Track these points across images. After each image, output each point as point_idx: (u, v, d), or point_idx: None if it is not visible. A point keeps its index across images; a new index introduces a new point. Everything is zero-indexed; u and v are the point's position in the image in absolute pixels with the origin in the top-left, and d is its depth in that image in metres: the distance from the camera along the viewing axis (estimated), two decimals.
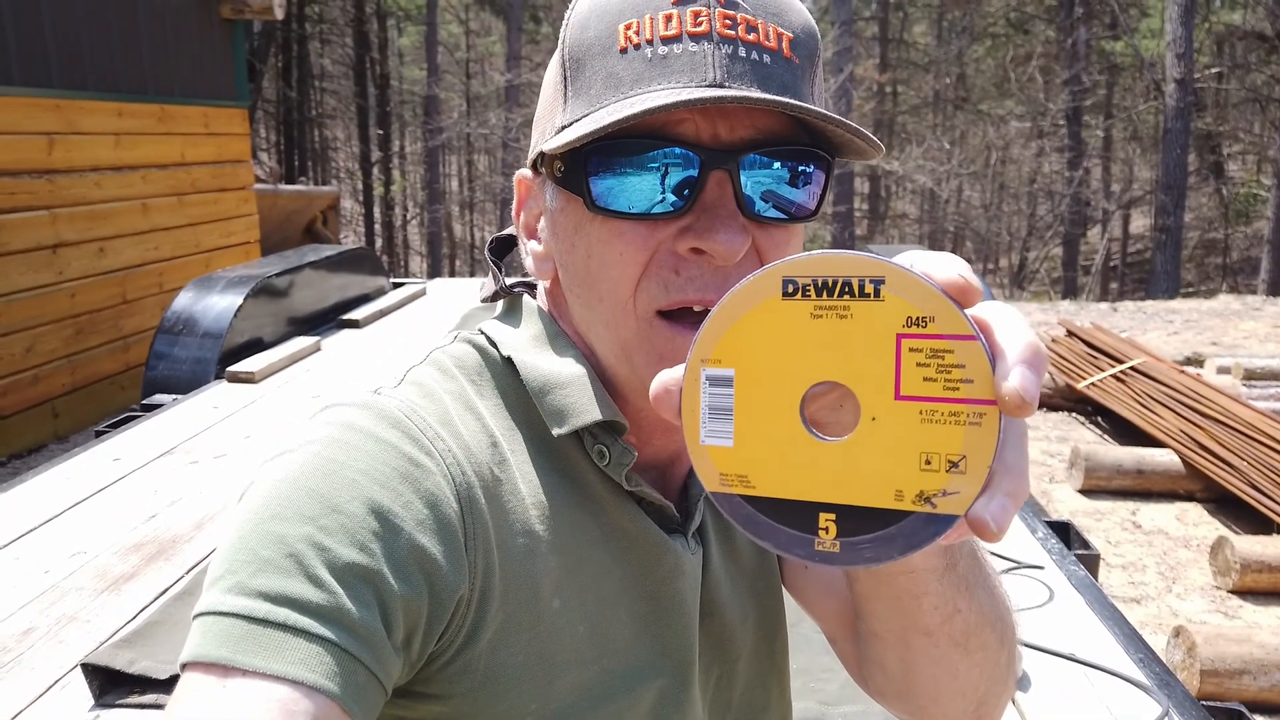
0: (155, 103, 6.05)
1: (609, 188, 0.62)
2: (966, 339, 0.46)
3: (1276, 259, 16.86)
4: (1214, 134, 21.10)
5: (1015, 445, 0.47)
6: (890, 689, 0.77)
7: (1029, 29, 22.23)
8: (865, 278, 0.47)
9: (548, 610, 0.64)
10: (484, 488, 0.63)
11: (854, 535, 0.49)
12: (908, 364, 0.46)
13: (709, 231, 0.61)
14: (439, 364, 0.70)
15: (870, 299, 0.47)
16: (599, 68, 0.63)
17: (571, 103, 0.64)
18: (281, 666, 0.52)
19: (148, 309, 5.86)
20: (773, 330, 0.49)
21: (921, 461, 0.47)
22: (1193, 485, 4.98)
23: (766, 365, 0.50)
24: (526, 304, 0.74)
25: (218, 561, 0.57)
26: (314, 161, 20.80)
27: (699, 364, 0.51)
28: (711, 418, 0.51)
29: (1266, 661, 3.14)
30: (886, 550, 0.48)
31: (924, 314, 0.46)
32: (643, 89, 0.61)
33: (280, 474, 0.59)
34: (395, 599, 0.56)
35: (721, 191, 0.62)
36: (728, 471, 0.51)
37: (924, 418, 0.46)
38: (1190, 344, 8.26)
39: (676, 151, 0.61)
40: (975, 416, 0.45)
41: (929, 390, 0.46)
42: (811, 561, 0.50)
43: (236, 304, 4.14)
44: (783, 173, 0.64)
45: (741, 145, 0.62)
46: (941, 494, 0.46)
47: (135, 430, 3.33)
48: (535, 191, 0.71)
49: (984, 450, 0.46)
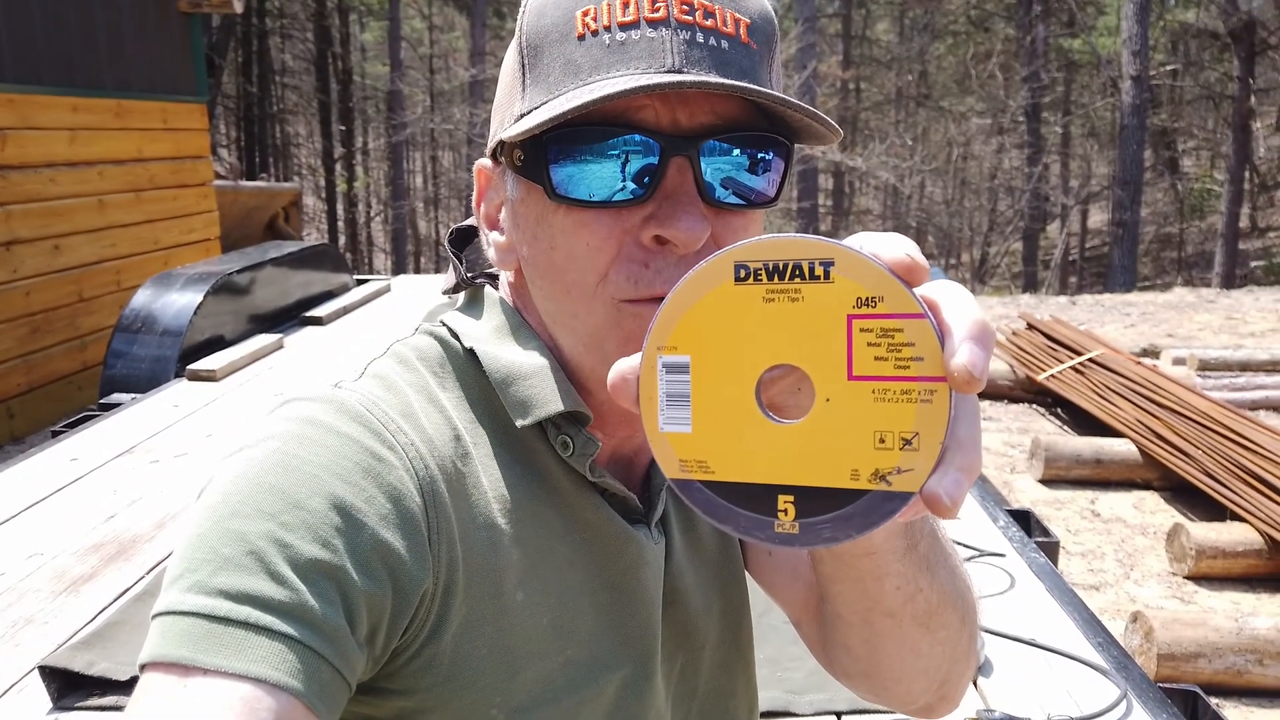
0: (112, 97, 5.94)
1: (569, 176, 0.62)
2: (915, 317, 0.46)
3: (1230, 253, 17.22)
4: (1169, 130, 21.49)
5: (967, 421, 0.48)
6: (855, 669, 0.78)
7: (989, 27, 22.49)
8: (815, 260, 0.48)
9: (511, 603, 0.64)
10: (447, 481, 0.63)
11: (812, 516, 0.49)
12: (859, 344, 0.47)
13: (670, 218, 0.61)
14: (400, 356, 0.69)
15: (820, 281, 0.48)
16: (557, 55, 0.63)
17: (530, 90, 0.64)
18: (244, 665, 0.51)
19: (105, 307, 5.76)
20: (726, 316, 0.50)
21: (875, 440, 0.47)
22: (1149, 474, 5.08)
23: (721, 351, 0.50)
24: (488, 295, 0.73)
25: (176, 560, 0.56)
26: (275, 158, 20.54)
27: (655, 351, 0.51)
28: (669, 405, 0.51)
29: (1221, 645, 3.21)
30: (844, 529, 0.49)
31: (873, 294, 0.47)
32: (601, 75, 0.61)
33: (239, 470, 0.58)
34: (359, 594, 0.56)
35: (682, 178, 0.62)
36: (687, 458, 0.51)
37: (876, 397, 0.47)
38: (1146, 336, 8.42)
39: (636, 138, 0.61)
40: (926, 394, 0.46)
41: (880, 369, 0.47)
42: (772, 544, 0.50)
43: (197, 301, 4.09)
44: (742, 159, 0.64)
45: (701, 131, 0.62)
46: (896, 471, 0.47)
47: (93, 430, 3.28)
48: (495, 181, 0.70)
49: (936, 426, 0.46)
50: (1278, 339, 8.28)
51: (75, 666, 1.77)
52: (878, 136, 20.97)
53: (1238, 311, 9.48)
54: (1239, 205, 18.05)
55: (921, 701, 0.78)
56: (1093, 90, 22.15)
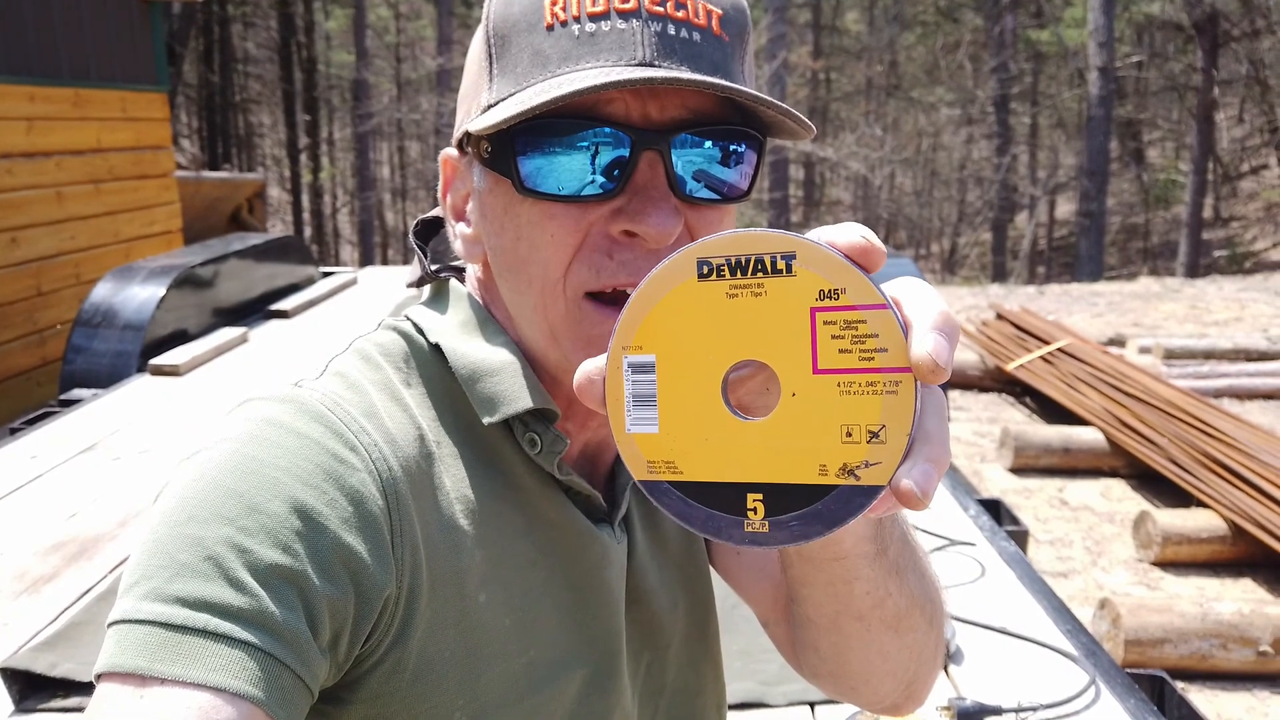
0: (70, 86, 5.82)
1: (538, 168, 0.61)
2: (878, 308, 0.46)
3: (1194, 242, 17.48)
4: (1134, 121, 21.77)
5: (934, 413, 0.47)
6: (823, 670, 0.77)
7: (958, 17, 22.64)
8: (777, 254, 0.47)
9: (474, 605, 0.63)
10: (410, 482, 0.61)
11: (781, 514, 0.48)
12: (823, 337, 0.47)
13: (641, 214, 0.60)
14: (363, 353, 0.68)
15: (783, 275, 0.47)
16: (525, 45, 0.61)
17: (497, 81, 0.63)
18: (201, 674, 0.50)
19: (64, 301, 5.64)
20: (690, 313, 0.49)
21: (843, 434, 0.47)
22: (1116, 462, 5.14)
23: (686, 349, 0.49)
24: (454, 289, 0.72)
25: (132, 567, 0.54)
26: (239, 148, 20.26)
27: (620, 351, 0.51)
28: (635, 405, 0.51)
29: (1186, 630, 3.26)
30: (814, 526, 0.48)
31: (835, 286, 0.46)
32: (570, 67, 0.59)
33: (196, 474, 0.56)
34: (320, 600, 0.55)
35: (653, 172, 0.61)
36: (655, 459, 0.51)
37: (842, 390, 0.46)
38: (1113, 325, 8.53)
39: (606, 132, 0.60)
40: (891, 385, 0.46)
41: (845, 362, 0.46)
42: (743, 545, 0.50)
43: (159, 295, 4.01)
44: (714, 152, 0.63)
45: (672, 125, 0.61)
46: (864, 465, 0.46)
47: (53, 426, 3.21)
48: (462, 172, 0.69)
49: (902, 418, 0.46)
50: (1240, 328, 8.42)
51: (37, 668, 1.75)
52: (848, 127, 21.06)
53: (1202, 301, 9.63)
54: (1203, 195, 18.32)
55: (889, 701, 0.78)
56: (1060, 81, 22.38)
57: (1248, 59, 19.32)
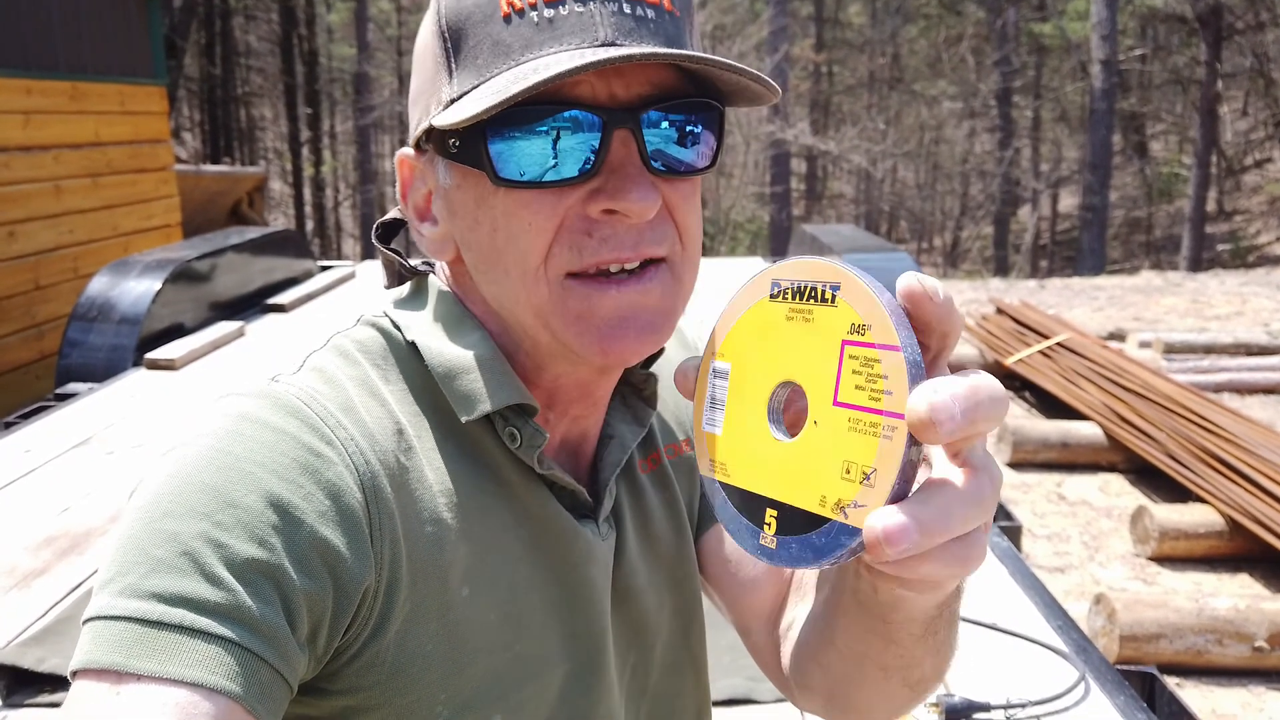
0: (67, 80, 5.81)
1: (510, 158, 0.61)
2: (891, 349, 0.46)
3: (1197, 236, 17.44)
4: (1138, 114, 21.70)
5: (965, 494, 0.45)
6: (820, 688, 0.76)
7: (960, 10, 22.56)
8: (826, 283, 0.49)
9: (457, 599, 0.63)
10: (389, 476, 0.61)
11: (787, 534, 0.50)
12: (846, 370, 0.48)
13: (621, 192, 0.60)
14: (340, 349, 0.68)
15: (828, 304, 0.49)
16: (483, 36, 0.61)
17: (458, 75, 0.62)
18: (178, 669, 0.50)
19: (62, 295, 5.64)
20: (759, 330, 0.53)
21: (843, 470, 0.47)
22: (1115, 457, 5.13)
23: (750, 363, 0.54)
24: (432, 284, 0.72)
25: (107, 563, 0.54)
26: (240, 141, 20.24)
27: (710, 355, 0.56)
28: (710, 407, 0.56)
29: (1181, 625, 3.25)
30: (806, 554, 0.49)
31: (863, 322, 0.47)
32: (534, 54, 0.60)
33: (172, 470, 0.56)
34: (298, 594, 0.55)
35: (627, 150, 0.61)
36: (716, 458, 0.55)
37: (850, 426, 0.47)
38: (1114, 320, 8.51)
39: (577, 115, 0.60)
40: (889, 430, 0.45)
41: (858, 398, 0.47)
42: (755, 555, 0.52)
43: (155, 288, 4.01)
44: (680, 126, 0.64)
45: (640, 102, 0.61)
46: (853, 505, 0.47)
47: (47, 420, 3.22)
48: (422, 171, 0.68)
49: (890, 465, 0.45)
50: (1241, 322, 8.40)
51: (25, 663, 1.75)
52: (850, 120, 21.00)
53: (1203, 295, 9.60)
54: (1206, 189, 18.27)
55: None
56: (1062, 74, 22.30)
57: (1252, 52, 19.25)
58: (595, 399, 0.72)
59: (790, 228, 14.19)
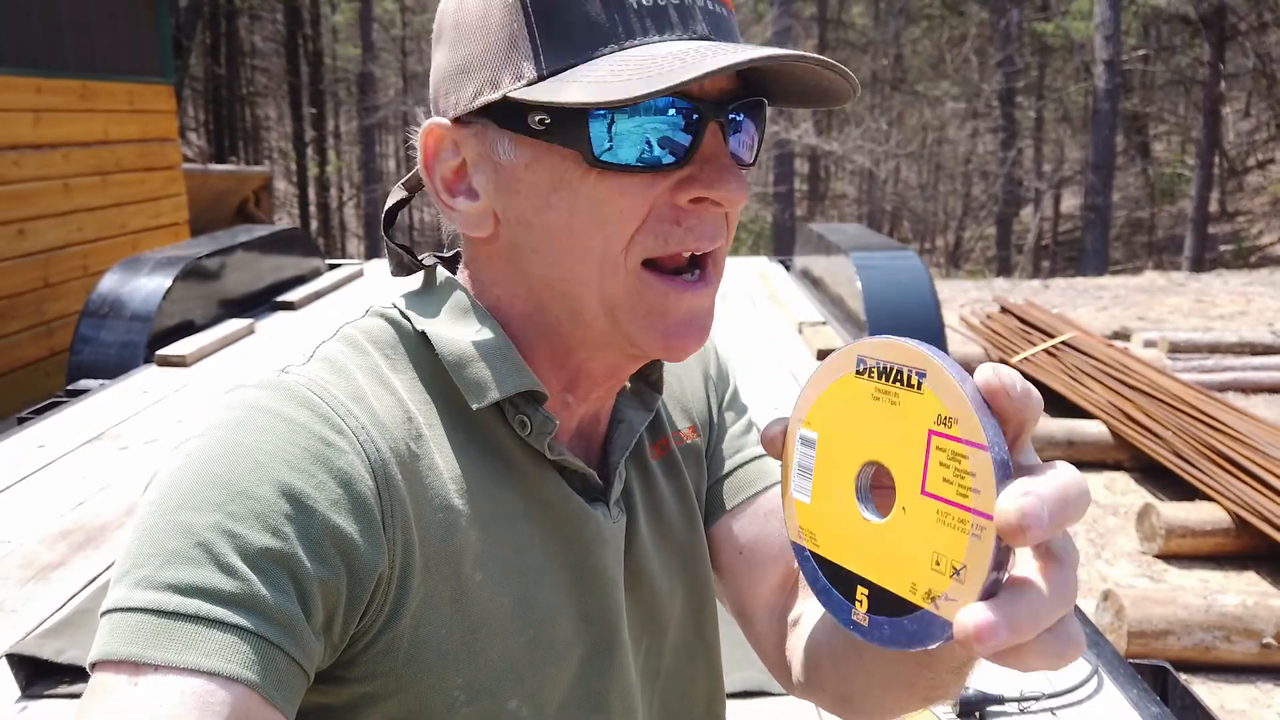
0: (77, 79, 5.83)
1: (610, 141, 0.61)
2: (979, 448, 0.46)
3: (1199, 237, 17.42)
4: (1141, 115, 21.68)
5: (1050, 588, 0.46)
6: (834, 690, 0.76)
7: (963, 11, 22.54)
8: (912, 369, 0.50)
9: (470, 584, 0.63)
10: (400, 463, 0.62)
11: (879, 614, 0.52)
12: (934, 461, 0.48)
13: (717, 181, 0.62)
14: (349, 339, 0.68)
15: (914, 390, 0.50)
16: (577, 14, 0.61)
17: (546, 51, 0.61)
18: (195, 659, 0.51)
19: (72, 292, 5.66)
20: (845, 405, 0.54)
21: (933, 561, 0.48)
22: (1120, 455, 5.14)
23: (838, 436, 0.55)
24: (441, 276, 0.72)
25: (123, 556, 0.55)
26: (245, 141, 20.27)
27: (797, 423, 0.57)
28: (799, 474, 0.57)
29: (1190, 622, 3.26)
30: (898, 638, 0.50)
31: (951, 415, 0.48)
32: (639, 40, 0.60)
33: (184, 462, 0.57)
34: (312, 582, 0.55)
35: (717, 142, 0.63)
36: (804, 526, 0.57)
37: (939, 518, 0.48)
38: (1118, 319, 8.51)
39: (682, 104, 0.61)
40: (977, 529, 0.46)
41: (946, 491, 0.48)
42: (848, 629, 0.54)
43: (165, 285, 4.03)
44: (750, 124, 0.66)
45: (726, 97, 0.64)
46: (944, 597, 0.48)
47: (60, 416, 3.23)
48: (457, 142, 0.67)
49: (980, 564, 0.46)
50: (1246, 321, 8.39)
51: (44, 654, 1.76)
52: (853, 121, 20.99)
53: (1207, 294, 9.60)
54: (1209, 190, 18.25)
55: None
56: (1066, 75, 22.29)
57: (1255, 53, 19.23)
58: (617, 383, 0.73)
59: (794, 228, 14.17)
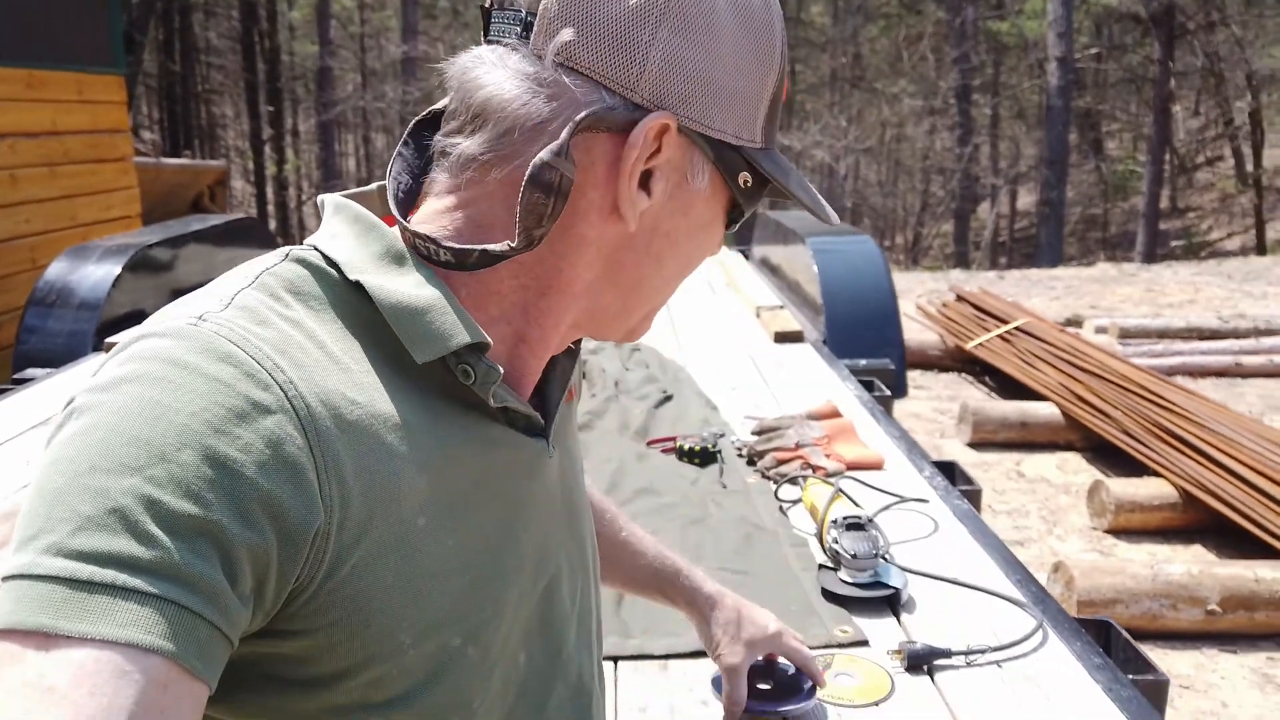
0: (22, 67, 5.71)
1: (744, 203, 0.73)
2: None
3: (1151, 232, 17.77)
4: (1093, 112, 22.08)
5: None
6: None
7: (920, 9, 22.81)
8: None
9: (414, 529, 0.62)
10: (332, 415, 0.59)
11: None
12: None
13: None
14: (269, 288, 0.63)
15: None
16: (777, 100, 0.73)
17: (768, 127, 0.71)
18: (110, 630, 0.48)
19: (20, 285, 5.54)
20: None
21: None
22: (1072, 435, 5.23)
23: None
24: (359, 215, 0.68)
25: (29, 518, 0.51)
26: (201, 139, 19.96)
27: None
28: None
29: (1137, 590, 3.33)
30: None
31: None
32: None
33: (96, 419, 0.53)
34: (239, 548, 0.53)
35: None
36: None
37: None
38: (1071, 307, 8.66)
39: None
40: None
41: None
42: None
43: (114, 273, 3.96)
44: None
45: None
46: None
47: (5, 402, 3.17)
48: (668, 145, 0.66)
49: None
50: (1195, 309, 8.58)
51: None
52: (813, 118, 21.16)
53: (1157, 284, 9.80)
54: (1160, 186, 18.64)
55: None
56: (1020, 72, 22.63)
57: (1204, 52, 19.65)
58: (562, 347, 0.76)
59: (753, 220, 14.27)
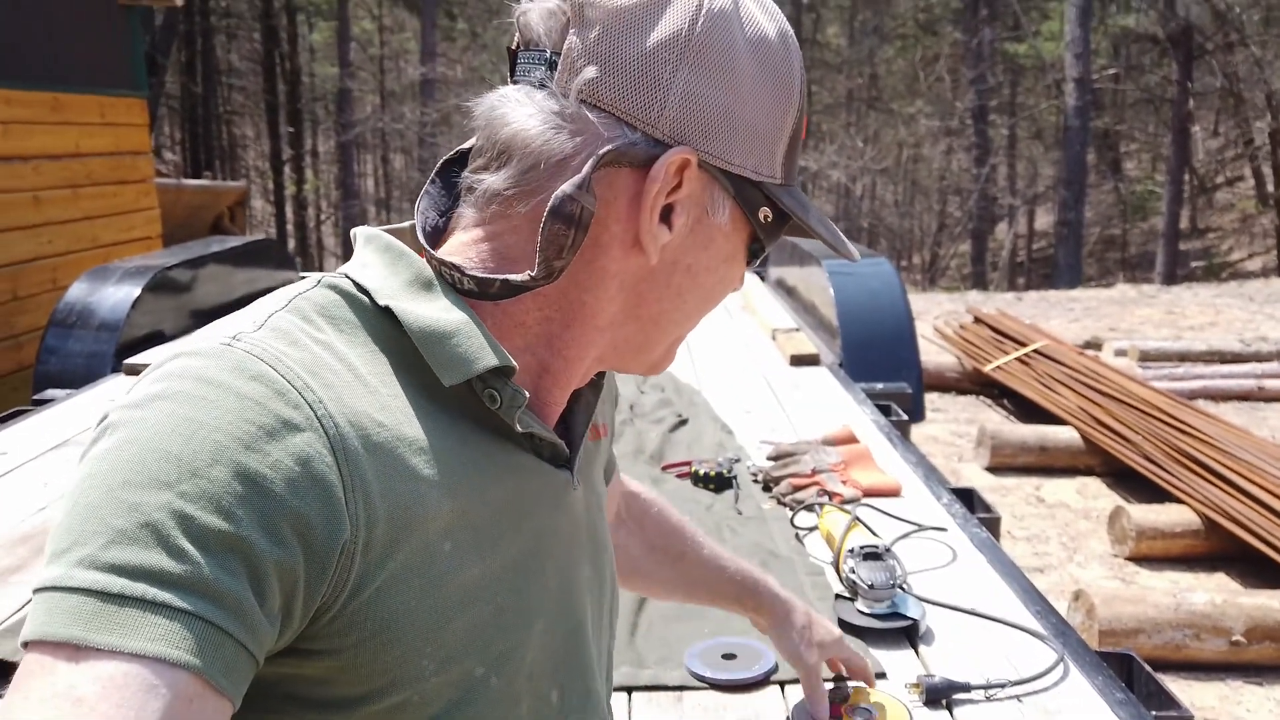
0: (47, 90, 5.79)
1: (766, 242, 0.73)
2: None
3: (1170, 253, 17.65)
4: (1111, 133, 22.00)
5: None
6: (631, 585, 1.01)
7: (937, 31, 22.85)
8: None
9: (439, 554, 0.63)
10: (360, 436, 0.60)
11: None
12: None
13: None
14: (302, 312, 0.65)
15: None
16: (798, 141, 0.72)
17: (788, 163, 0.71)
18: (139, 644, 0.49)
19: (41, 306, 5.59)
20: None
21: None
22: (1092, 460, 5.18)
23: None
24: (390, 244, 0.69)
25: (62, 531, 0.52)
26: (222, 160, 20.19)
27: None
28: None
29: (1159, 620, 3.28)
30: None
31: None
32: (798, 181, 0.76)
33: (130, 434, 0.55)
34: (268, 565, 0.54)
35: None
36: None
37: None
38: (1090, 329, 8.60)
39: None
40: None
41: None
42: None
43: (134, 295, 3.99)
44: None
45: None
46: None
47: (25, 424, 3.19)
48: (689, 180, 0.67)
49: None
50: (1215, 332, 8.50)
51: (2, 654, 1.74)
52: (829, 138, 21.19)
53: (1178, 306, 9.72)
54: (1179, 206, 18.53)
55: None
56: (1037, 93, 22.60)
57: (1222, 72, 19.57)
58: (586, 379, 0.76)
59: None
